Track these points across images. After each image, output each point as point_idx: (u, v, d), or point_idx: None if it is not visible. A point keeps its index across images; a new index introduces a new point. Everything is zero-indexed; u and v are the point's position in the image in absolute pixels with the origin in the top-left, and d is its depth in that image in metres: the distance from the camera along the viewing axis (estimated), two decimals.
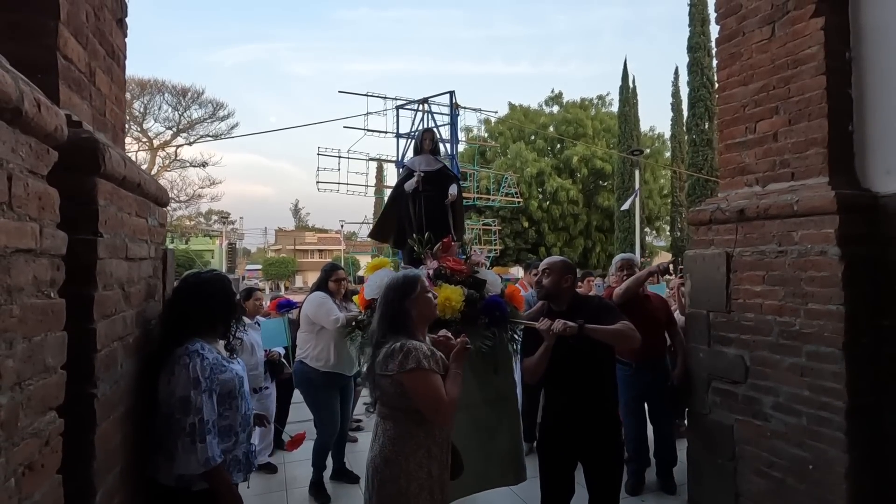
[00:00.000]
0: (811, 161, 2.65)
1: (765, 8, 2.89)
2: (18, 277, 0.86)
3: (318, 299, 3.54)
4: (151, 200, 1.85)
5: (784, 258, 2.66)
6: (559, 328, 2.28)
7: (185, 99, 26.82)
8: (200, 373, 1.64)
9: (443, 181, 3.67)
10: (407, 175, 3.68)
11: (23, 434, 0.87)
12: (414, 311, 1.89)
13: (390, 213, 3.79)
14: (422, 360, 1.74)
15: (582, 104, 27.45)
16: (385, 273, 3.20)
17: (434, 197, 3.59)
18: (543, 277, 2.55)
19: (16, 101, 0.83)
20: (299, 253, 46.39)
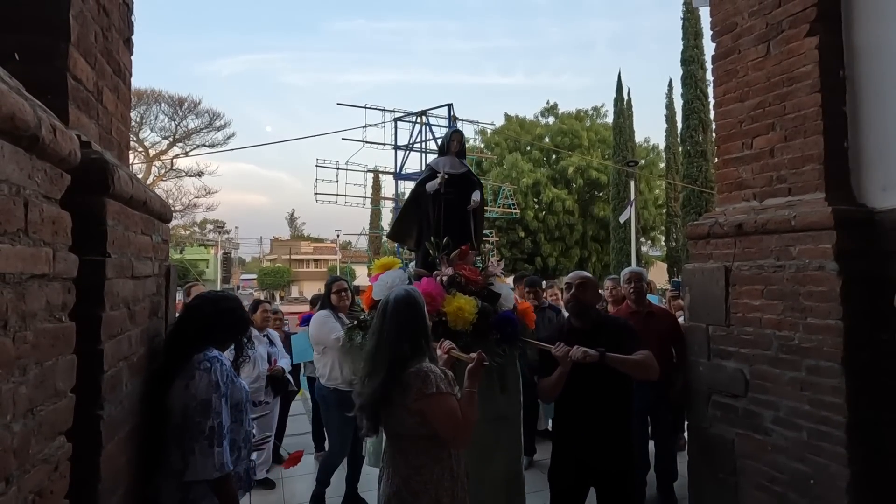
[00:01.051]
0: (807, 177, 2.69)
1: (760, 27, 2.95)
2: (32, 303, 0.86)
3: (320, 319, 3.50)
4: (156, 217, 1.86)
5: (782, 273, 2.68)
6: (578, 356, 2.18)
7: (181, 109, 26.86)
8: (220, 377, 1.66)
9: (466, 186, 3.49)
10: (429, 175, 3.48)
11: (33, 461, 0.86)
12: (426, 332, 1.82)
13: (409, 214, 3.59)
14: (439, 383, 1.66)
15: (577, 115, 27.69)
16: (396, 275, 3.10)
17: (455, 201, 3.41)
18: (579, 292, 2.46)
19: (34, 128, 0.84)
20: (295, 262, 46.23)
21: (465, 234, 3.37)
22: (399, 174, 15.59)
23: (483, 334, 2.82)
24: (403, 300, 1.80)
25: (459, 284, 2.98)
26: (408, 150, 15.11)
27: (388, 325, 1.77)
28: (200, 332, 1.76)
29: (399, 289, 1.86)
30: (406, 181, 16.02)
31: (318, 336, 3.46)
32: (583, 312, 2.48)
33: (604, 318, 2.55)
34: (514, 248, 24.52)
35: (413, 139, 14.87)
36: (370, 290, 3.19)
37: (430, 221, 3.40)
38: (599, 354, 2.18)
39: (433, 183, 3.39)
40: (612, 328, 2.45)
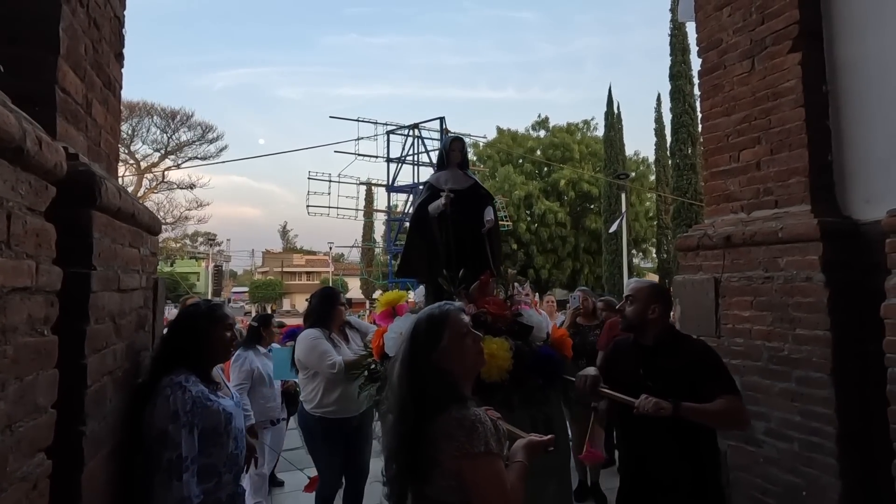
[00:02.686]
0: (793, 189, 2.73)
1: (744, 43, 3.02)
2: (13, 317, 0.85)
3: (310, 341, 2.93)
4: (144, 230, 1.84)
5: (771, 284, 2.70)
6: (649, 408, 1.82)
7: (173, 121, 26.87)
8: (181, 406, 1.56)
9: (475, 202, 2.94)
10: (430, 194, 2.93)
11: (11, 479, 0.84)
12: (452, 365, 1.34)
13: (414, 243, 3.04)
14: (489, 440, 1.24)
15: (568, 129, 28.00)
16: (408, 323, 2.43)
17: (464, 222, 2.87)
18: (626, 305, 2.13)
19: (18, 139, 0.83)
20: (287, 275, 45.98)
21: (481, 260, 2.84)
22: (391, 187, 15.63)
23: (521, 381, 2.33)
24: (430, 319, 1.39)
25: (486, 324, 2.40)
26: (400, 163, 15.18)
27: (402, 369, 1.35)
28: (168, 354, 1.70)
29: (430, 307, 1.44)
30: (398, 193, 16.06)
31: (308, 360, 2.93)
32: (634, 329, 2.12)
33: (673, 336, 2.13)
34: (506, 261, 24.53)
35: (405, 152, 14.96)
36: (379, 335, 2.65)
37: (438, 249, 2.87)
38: (673, 406, 1.82)
39: (437, 204, 2.85)
40: (685, 351, 2.04)
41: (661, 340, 2.05)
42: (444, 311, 1.40)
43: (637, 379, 2.00)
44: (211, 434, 1.64)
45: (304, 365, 2.96)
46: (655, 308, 2.06)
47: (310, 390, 2.98)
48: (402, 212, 16.77)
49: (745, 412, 1.97)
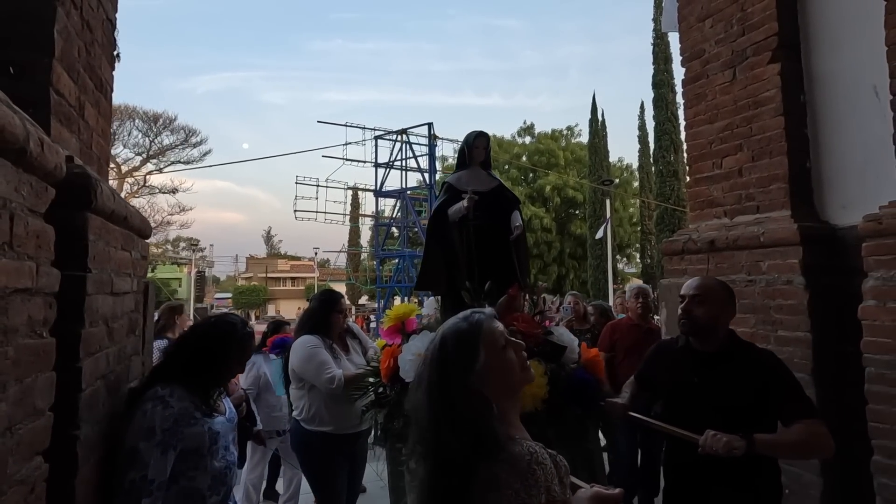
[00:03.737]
0: (774, 195, 2.82)
1: (726, 53, 3.11)
2: (14, 318, 0.85)
3: (306, 350, 2.59)
4: (135, 233, 1.83)
5: (753, 287, 2.78)
6: (720, 448, 1.53)
7: (156, 125, 26.50)
8: (159, 423, 1.43)
9: (499, 206, 2.61)
10: (449, 197, 2.57)
11: (10, 482, 0.84)
12: (494, 388, 1.01)
13: (432, 252, 2.63)
14: (552, 485, 0.94)
15: (553, 135, 28.30)
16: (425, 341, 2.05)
17: (488, 227, 2.54)
18: (693, 305, 1.81)
19: (22, 141, 0.83)
20: (271, 281, 45.46)
21: (507, 271, 2.49)
22: (379, 192, 15.62)
23: (558, 410, 2.03)
24: (460, 335, 1.04)
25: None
26: (388, 168, 15.19)
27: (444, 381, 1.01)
28: (179, 365, 1.60)
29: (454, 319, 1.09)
30: (386, 198, 16.05)
31: (304, 371, 2.59)
32: (700, 333, 1.83)
33: (738, 345, 1.85)
34: None
35: (394, 157, 14.98)
36: (388, 354, 2.35)
37: (458, 258, 2.53)
38: (747, 443, 1.53)
39: (458, 207, 2.51)
40: (754, 361, 1.77)
41: (726, 347, 1.80)
42: (476, 322, 1.05)
43: (690, 389, 1.78)
44: (192, 455, 1.50)
45: (300, 376, 2.62)
46: (731, 311, 1.84)
47: (306, 404, 2.64)
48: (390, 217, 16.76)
49: (828, 438, 1.63)
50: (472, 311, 1.09)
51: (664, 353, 2.03)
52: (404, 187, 15.23)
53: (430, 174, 14.84)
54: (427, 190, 15.05)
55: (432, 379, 1.02)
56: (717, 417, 1.64)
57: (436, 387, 1.00)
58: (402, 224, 16.44)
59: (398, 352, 2.23)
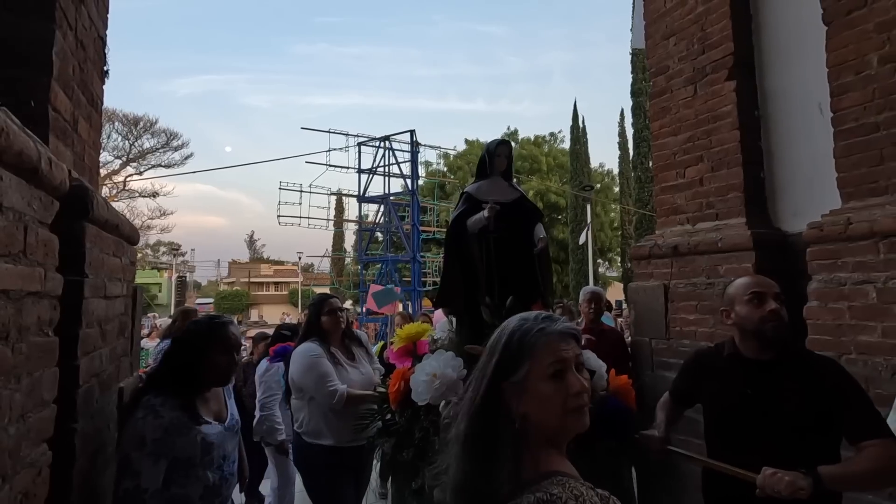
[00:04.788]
0: (731, 203, 3.01)
1: (688, 70, 3.32)
2: (27, 318, 0.95)
3: (306, 358, 2.42)
4: (125, 240, 1.92)
5: (712, 290, 2.97)
6: (781, 490, 1.31)
7: (136, 128, 26.17)
8: (149, 433, 1.43)
9: (520, 218, 2.44)
10: (468, 207, 2.41)
11: (23, 464, 0.94)
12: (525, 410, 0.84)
13: (451, 267, 2.45)
14: None
15: (535, 141, 28.71)
16: (448, 362, 1.93)
17: (510, 240, 2.37)
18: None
19: (35, 161, 0.94)
20: (254, 286, 45.00)
21: (530, 287, 2.32)
22: (362, 197, 15.70)
23: (587, 443, 1.67)
24: (522, 334, 0.88)
25: None
26: (371, 174, 15.29)
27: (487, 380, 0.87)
28: (167, 372, 1.60)
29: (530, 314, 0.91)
30: (369, 204, 16.13)
31: (303, 381, 2.41)
32: (755, 333, 1.60)
33: (796, 350, 1.66)
34: None
35: (377, 163, 15.09)
36: (398, 377, 2.14)
37: (477, 273, 2.35)
38: (813, 480, 1.31)
39: (478, 217, 2.33)
40: (817, 370, 1.53)
41: (781, 354, 1.58)
42: (540, 329, 0.86)
43: (743, 402, 1.56)
44: (185, 465, 1.50)
45: (299, 387, 2.45)
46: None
47: (306, 416, 2.47)
48: (374, 222, 16.83)
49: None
50: (547, 314, 0.90)
51: (706, 362, 1.78)
52: (387, 193, 15.34)
53: (413, 180, 14.98)
54: (409, 195, 15.18)
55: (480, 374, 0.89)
56: (776, 435, 1.45)
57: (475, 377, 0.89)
58: (385, 229, 16.53)
59: (409, 374, 2.03)
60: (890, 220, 2.22)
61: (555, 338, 0.86)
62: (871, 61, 2.41)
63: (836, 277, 2.39)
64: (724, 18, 3.09)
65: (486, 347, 0.92)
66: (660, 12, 3.53)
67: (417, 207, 15.12)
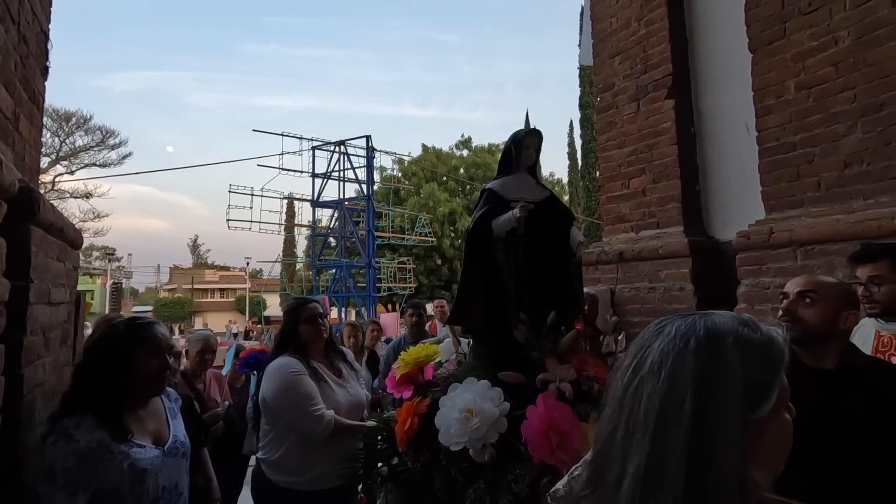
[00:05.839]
0: (670, 213, 3.24)
1: (632, 88, 3.54)
2: None
3: (283, 376, 1.97)
4: (69, 244, 1.84)
5: (654, 293, 3.17)
6: None
7: (67, 125, 24.44)
8: (60, 461, 1.19)
9: (548, 219, 2.08)
10: (491, 207, 2.04)
11: None
12: (756, 451, 0.61)
13: (470, 276, 1.99)
14: None
15: (489, 149, 29.22)
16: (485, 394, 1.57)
17: (538, 245, 2.00)
18: (799, 304, 1.42)
19: None
20: (198, 292, 42.95)
21: (567, 301, 1.95)
22: (316, 202, 15.42)
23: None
24: (757, 348, 0.63)
25: (588, 395, 1.65)
26: (325, 179, 15.06)
27: (708, 394, 0.59)
28: (82, 389, 1.32)
29: (732, 321, 0.65)
30: (323, 208, 15.87)
31: (279, 403, 1.96)
32: (810, 341, 1.40)
33: (864, 362, 1.44)
34: (431, 276, 24.92)
35: (331, 168, 14.89)
36: (407, 412, 1.71)
37: (501, 284, 1.96)
38: None
39: (506, 218, 1.98)
40: (889, 379, 1.35)
41: (846, 362, 1.38)
42: (775, 343, 0.64)
43: (808, 416, 1.13)
44: (111, 498, 1.25)
45: (273, 410, 1.98)
46: (850, 318, 1.39)
47: (275, 442, 2.00)
48: (328, 227, 16.55)
49: None
50: (747, 318, 0.66)
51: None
52: (342, 198, 15.16)
53: (368, 185, 14.89)
54: (364, 201, 15.07)
55: (678, 394, 0.59)
56: (848, 452, 1.25)
57: (688, 410, 0.58)
58: (339, 234, 16.29)
59: (421, 409, 1.68)
60: (805, 230, 2.47)
61: (785, 354, 0.64)
62: (789, 87, 2.68)
63: (761, 282, 2.63)
64: (663, 42, 3.33)
65: (676, 368, 0.60)
66: (606, 32, 3.75)
67: (373, 213, 15.03)
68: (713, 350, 0.61)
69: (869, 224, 2.26)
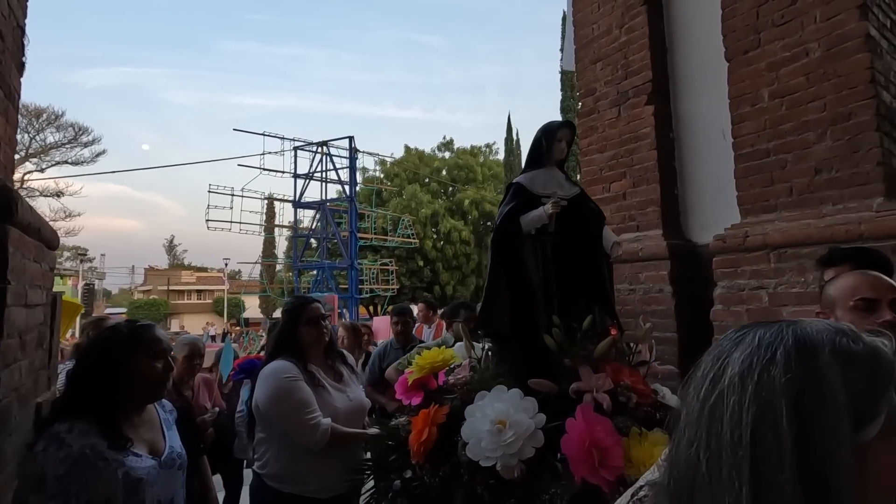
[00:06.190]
0: (650, 217, 3.31)
1: (613, 94, 3.61)
2: None
3: (278, 382, 1.86)
4: (45, 244, 1.79)
5: (634, 295, 3.24)
6: None
7: (38, 121, 23.68)
8: (51, 469, 1.14)
9: (578, 218, 1.95)
10: (519, 202, 1.89)
11: None
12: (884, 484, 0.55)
13: (496, 278, 1.85)
14: None
15: (471, 151, 29.36)
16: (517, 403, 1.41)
17: (567, 245, 1.87)
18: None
19: None
20: (174, 294, 42.04)
21: (600, 305, 1.83)
22: (298, 202, 15.26)
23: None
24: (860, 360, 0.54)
25: (625, 406, 1.54)
26: (307, 179, 14.92)
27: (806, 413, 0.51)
28: (77, 395, 1.28)
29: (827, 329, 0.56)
30: (305, 209, 15.72)
31: (272, 411, 1.87)
32: None
33: None
34: (413, 277, 24.88)
35: (313, 168, 14.76)
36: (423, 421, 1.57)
37: (530, 283, 1.82)
38: None
39: (537, 215, 1.83)
40: None
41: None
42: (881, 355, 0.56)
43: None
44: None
45: (267, 418, 1.89)
46: None
47: (272, 453, 1.91)
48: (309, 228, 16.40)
49: None
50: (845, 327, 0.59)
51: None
52: (324, 199, 15.03)
53: (351, 186, 14.82)
54: (347, 202, 14.98)
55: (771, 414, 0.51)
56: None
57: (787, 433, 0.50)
58: (321, 235, 16.16)
59: (439, 418, 1.54)
60: (778, 234, 2.56)
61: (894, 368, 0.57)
62: (763, 95, 2.77)
63: (736, 284, 2.71)
64: (643, 49, 3.41)
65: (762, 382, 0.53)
66: (588, 38, 3.81)
67: (355, 214, 14.95)
68: (807, 363, 0.53)
69: (838, 228, 2.35)
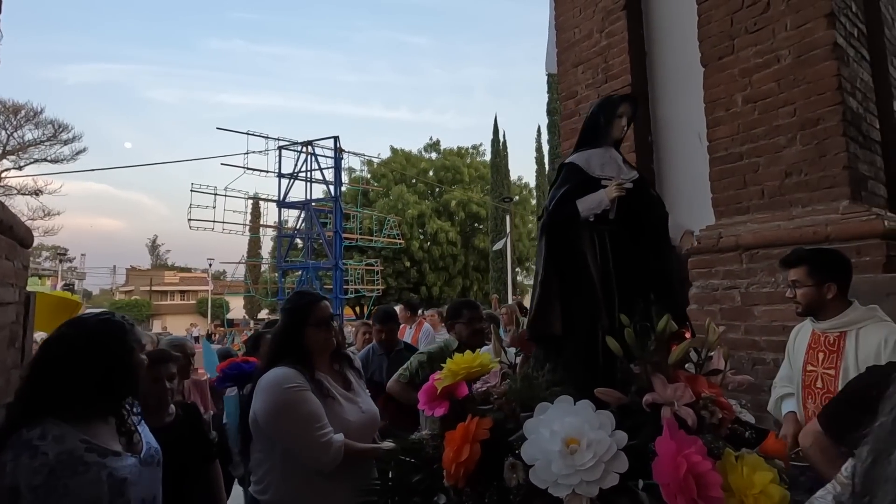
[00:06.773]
0: None
1: (594, 96, 3.66)
2: None
3: (284, 394, 1.60)
4: (18, 242, 1.77)
5: None
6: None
7: (16, 117, 23.15)
8: (25, 479, 1.06)
9: (642, 205, 1.69)
10: (573, 185, 1.64)
11: None
12: None
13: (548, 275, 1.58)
14: None
15: (458, 152, 29.44)
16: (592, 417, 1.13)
17: (625, 235, 1.61)
18: None
19: None
20: (156, 294, 41.35)
21: (667, 304, 1.43)
22: (282, 202, 15.14)
23: None
24: None
25: (708, 422, 1.26)
26: (292, 179, 14.82)
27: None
28: (27, 396, 1.18)
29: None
30: (290, 209, 15.61)
31: (276, 426, 1.61)
32: None
33: None
34: (399, 278, 24.86)
35: (298, 168, 14.67)
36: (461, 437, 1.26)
37: (588, 278, 1.55)
38: None
39: (595, 199, 1.58)
40: None
41: None
42: None
43: None
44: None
45: (268, 433, 1.63)
46: None
47: (272, 475, 1.65)
48: (294, 228, 16.28)
49: None
50: None
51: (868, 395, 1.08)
52: (309, 199, 14.95)
53: (336, 186, 14.76)
54: (332, 202, 14.92)
55: None
56: None
57: None
58: (306, 235, 16.06)
59: (482, 433, 1.26)
60: (750, 235, 2.63)
61: None
62: (737, 100, 2.85)
63: (710, 284, 2.77)
64: (623, 53, 3.47)
65: None
66: (570, 42, 3.87)
67: (340, 214, 14.89)
68: None
69: (806, 230, 2.43)
